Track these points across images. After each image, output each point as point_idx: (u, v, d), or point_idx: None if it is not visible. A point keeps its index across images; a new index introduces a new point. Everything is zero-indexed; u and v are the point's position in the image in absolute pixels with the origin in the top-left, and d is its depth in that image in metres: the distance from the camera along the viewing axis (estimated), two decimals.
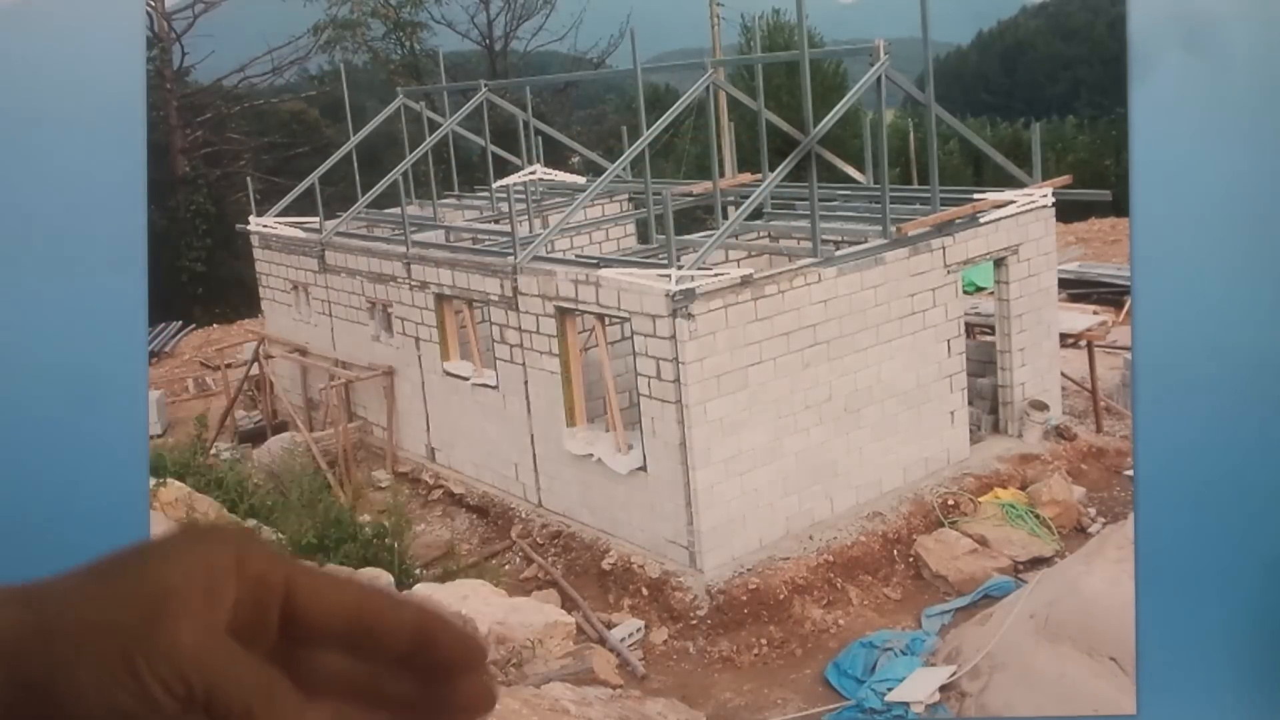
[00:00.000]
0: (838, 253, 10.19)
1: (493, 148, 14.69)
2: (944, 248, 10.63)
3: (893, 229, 10.35)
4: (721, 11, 19.04)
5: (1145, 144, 2.48)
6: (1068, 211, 14.98)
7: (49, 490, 3.78)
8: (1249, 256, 2.51)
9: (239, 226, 16.16)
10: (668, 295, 9.20)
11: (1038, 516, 10.16)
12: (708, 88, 11.19)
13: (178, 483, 9.53)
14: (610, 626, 9.31)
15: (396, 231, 13.39)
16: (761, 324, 9.58)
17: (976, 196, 11.21)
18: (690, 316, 9.18)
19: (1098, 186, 11.81)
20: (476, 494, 11.86)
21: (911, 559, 9.91)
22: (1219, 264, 2.49)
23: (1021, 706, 7.08)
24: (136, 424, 3.78)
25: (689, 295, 9.19)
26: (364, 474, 12.77)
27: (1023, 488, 10.71)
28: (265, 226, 15.06)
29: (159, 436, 14.07)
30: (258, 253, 15.68)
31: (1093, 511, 10.54)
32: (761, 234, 12.23)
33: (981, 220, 10.86)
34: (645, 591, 9.68)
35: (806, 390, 9.92)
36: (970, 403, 11.25)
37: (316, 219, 14.36)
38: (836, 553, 9.78)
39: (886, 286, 10.29)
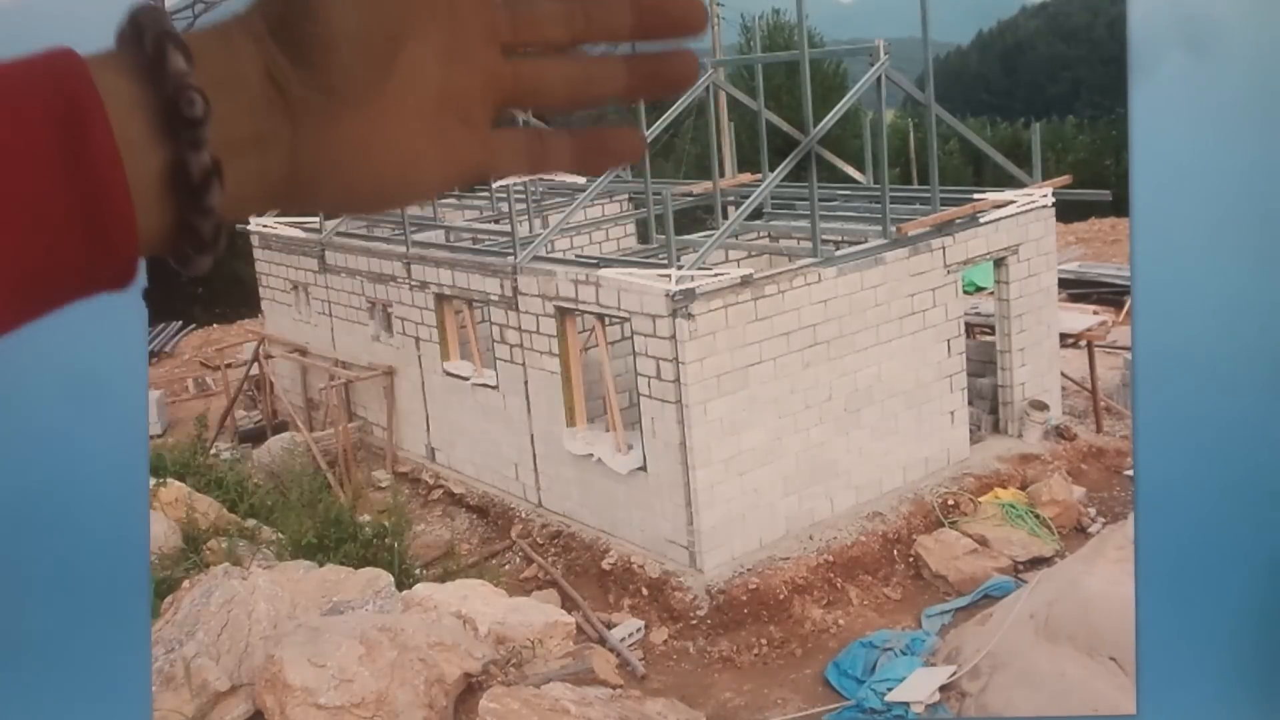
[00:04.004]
0: (838, 253, 10.18)
1: None
2: (944, 248, 10.63)
3: (893, 229, 10.35)
4: (721, 11, 18.99)
5: (1145, 144, 2.48)
6: (1068, 211, 14.98)
7: (49, 490, 3.79)
8: (1250, 256, 2.51)
9: (239, 226, 16.16)
10: (668, 295, 9.20)
11: (1038, 516, 10.15)
12: (708, 88, 11.19)
13: (178, 483, 9.53)
14: (610, 626, 9.30)
15: (396, 231, 13.39)
16: (761, 324, 9.58)
17: (976, 196, 11.20)
18: (690, 316, 9.18)
19: (1098, 186, 11.81)
20: (476, 494, 11.86)
21: (911, 559, 9.91)
22: (1219, 264, 2.49)
23: (1021, 706, 7.08)
24: (136, 424, 3.79)
25: (689, 295, 9.19)
26: (364, 474, 12.77)
27: (1023, 488, 10.70)
28: (265, 226, 15.07)
29: (159, 436, 14.08)
30: (258, 253, 15.68)
31: (1093, 511, 10.53)
32: (761, 234, 12.23)
33: (981, 220, 10.85)
34: (645, 591, 9.67)
35: (806, 390, 9.92)
36: (970, 403, 11.25)
37: (316, 219, 14.37)
38: (836, 553, 9.77)
39: (886, 286, 10.29)
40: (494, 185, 14.45)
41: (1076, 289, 16.66)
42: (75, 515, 3.60)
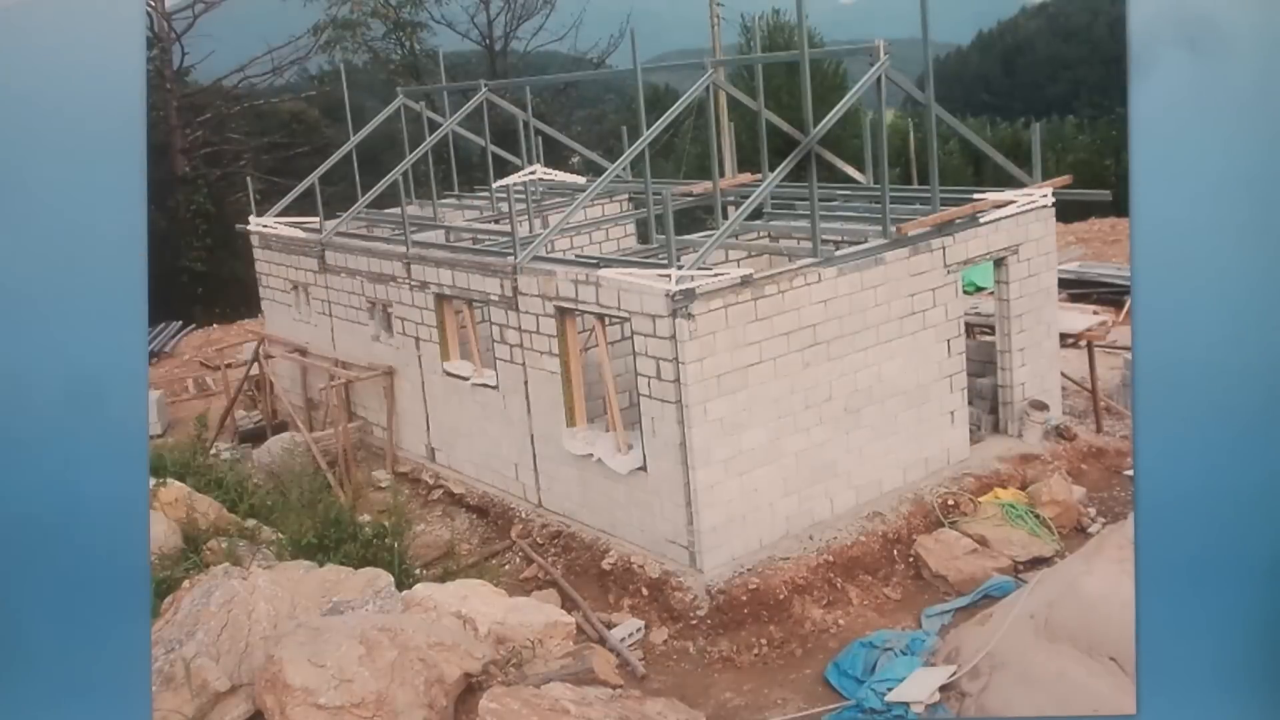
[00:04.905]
0: (838, 253, 10.19)
1: (493, 148, 14.68)
2: (944, 248, 10.63)
3: (893, 229, 10.36)
4: (721, 11, 18.96)
5: (1145, 144, 2.49)
6: (1068, 211, 14.99)
7: (49, 490, 3.78)
8: (1248, 256, 2.51)
9: (239, 226, 16.17)
10: (668, 295, 9.20)
11: (1038, 516, 10.16)
12: (708, 88, 11.19)
13: (178, 483, 9.53)
14: (610, 626, 9.31)
15: (396, 231, 13.40)
16: (761, 324, 9.58)
17: (976, 196, 11.21)
18: (690, 316, 9.19)
19: (1098, 186, 11.80)
20: (476, 494, 11.86)
21: (911, 559, 9.91)
22: (1219, 264, 2.50)
23: (1021, 706, 7.08)
24: (136, 424, 3.79)
25: (689, 295, 9.19)
26: (364, 474, 12.77)
27: (1023, 488, 10.70)
28: (265, 226, 15.06)
29: (159, 436, 14.07)
30: (258, 253, 15.68)
31: (1093, 511, 10.54)
32: (761, 234, 12.23)
33: (981, 220, 10.85)
34: (645, 591, 9.68)
35: (806, 390, 9.92)
36: (970, 403, 11.25)
37: (316, 219, 14.36)
38: (836, 553, 9.78)
39: (886, 286, 10.30)
40: (494, 185, 14.47)
41: (1076, 289, 16.65)
42: (76, 516, 3.60)
